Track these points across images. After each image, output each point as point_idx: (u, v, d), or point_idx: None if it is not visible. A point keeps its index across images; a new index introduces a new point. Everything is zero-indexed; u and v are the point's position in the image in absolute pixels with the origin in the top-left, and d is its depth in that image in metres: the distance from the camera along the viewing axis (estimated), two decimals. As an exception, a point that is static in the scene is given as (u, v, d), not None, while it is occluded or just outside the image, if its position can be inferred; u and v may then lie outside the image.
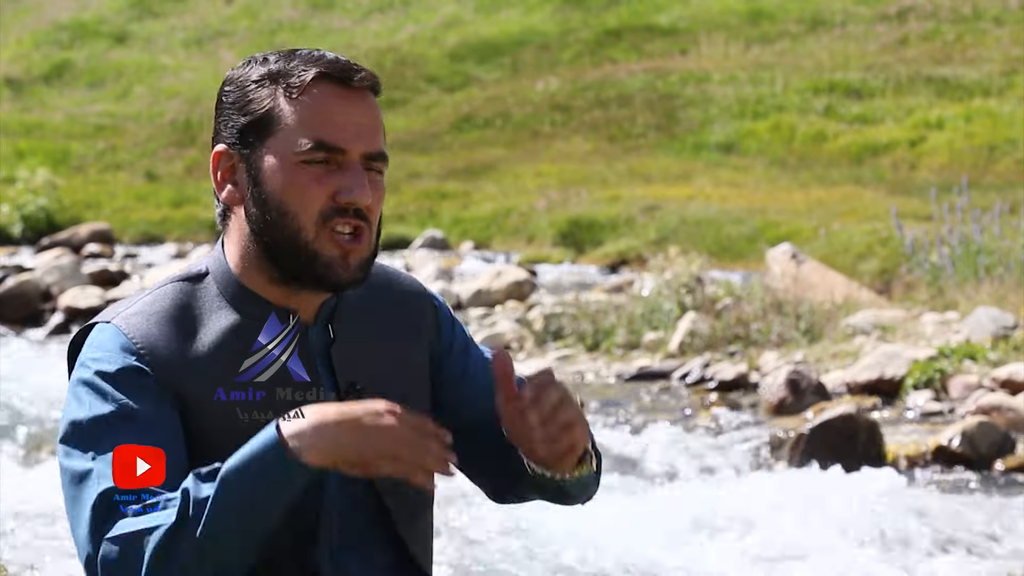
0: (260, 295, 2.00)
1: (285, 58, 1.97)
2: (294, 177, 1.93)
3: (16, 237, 17.50)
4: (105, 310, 2.03)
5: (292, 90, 1.94)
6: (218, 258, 2.02)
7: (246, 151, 1.96)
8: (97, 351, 1.95)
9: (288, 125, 1.94)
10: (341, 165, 1.94)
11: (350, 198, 1.93)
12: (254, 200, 1.96)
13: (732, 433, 7.33)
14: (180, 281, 2.02)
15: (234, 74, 2.00)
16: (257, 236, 1.96)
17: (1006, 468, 6.57)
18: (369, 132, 1.96)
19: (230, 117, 1.98)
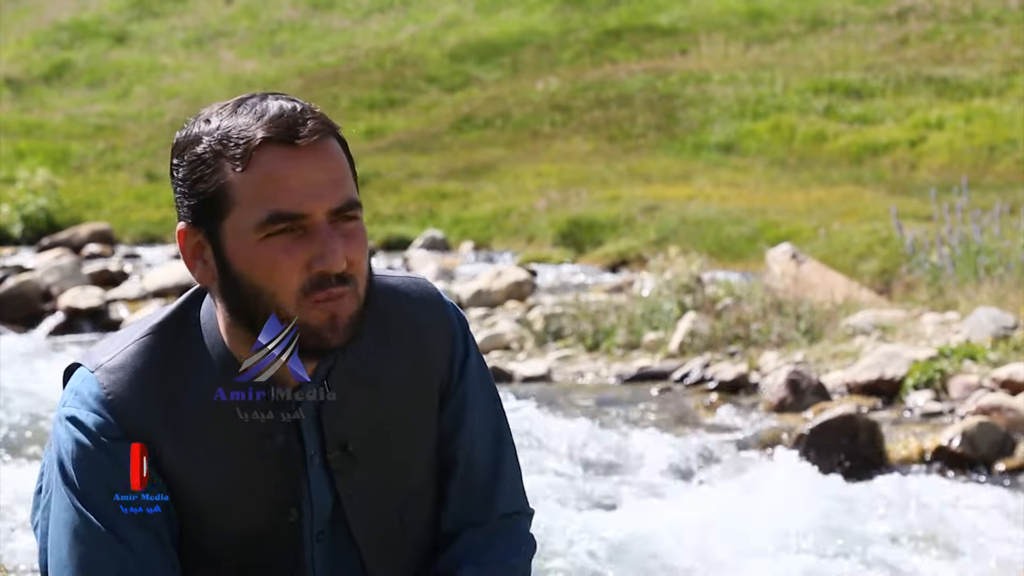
0: None
1: (230, 116, 1.83)
2: (260, 255, 1.82)
3: (16, 237, 17.50)
4: (92, 350, 1.97)
5: (237, 163, 1.81)
6: (210, 314, 1.94)
7: (209, 229, 1.85)
8: (77, 404, 1.91)
9: (241, 201, 1.81)
10: (308, 229, 1.82)
11: (324, 266, 1.81)
12: (227, 281, 1.85)
13: (732, 433, 7.33)
14: (170, 328, 1.94)
15: (180, 142, 1.88)
16: (236, 315, 1.88)
17: (1006, 468, 6.57)
18: (330, 187, 1.82)
19: (184, 195, 1.87)
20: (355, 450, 1.95)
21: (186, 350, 1.93)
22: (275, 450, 1.93)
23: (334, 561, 1.97)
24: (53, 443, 1.93)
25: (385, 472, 1.98)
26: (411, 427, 2.00)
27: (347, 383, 1.96)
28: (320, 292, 1.82)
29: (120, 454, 1.88)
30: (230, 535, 1.93)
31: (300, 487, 1.94)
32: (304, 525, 1.95)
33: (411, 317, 2.02)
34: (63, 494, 1.90)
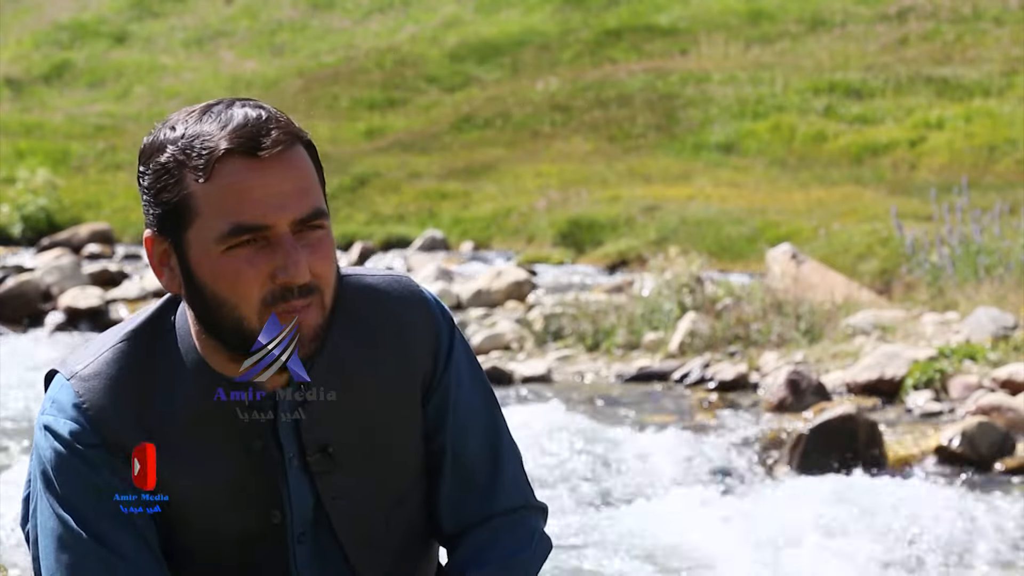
0: (220, 373, 1.92)
1: (195, 124, 1.81)
2: (222, 267, 1.80)
3: (16, 237, 17.49)
4: (68, 357, 1.97)
5: (199, 174, 1.79)
6: (185, 321, 1.93)
7: (173, 239, 1.84)
8: (55, 412, 1.92)
9: (204, 212, 1.80)
10: (271, 241, 1.80)
11: (287, 278, 1.80)
12: (191, 290, 1.85)
13: (732, 433, 7.33)
14: (144, 335, 1.94)
15: (146, 149, 1.86)
16: (203, 325, 1.87)
17: (1006, 468, 6.57)
18: (294, 197, 1.80)
19: (149, 203, 1.85)
20: (336, 452, 1.94)
21: (161, 356, 1.92)
22: (253, 454, 1.92)
23: (319, 562, 1.96)
24: (35, 451, 1.94)
25: (368, 475, 1.96)
26: (395, 428, 1.98)
27: (327, 385, 1.94)
28: (282, 304, 1.81)
29: (98, 461, 1.88)
30: (215, 538, 1.92)
31: (280, 490, 1.93)
32: (286, 527, 1.94)
33: (393, 315, 1.99)
34: (47, 502, 1.91)
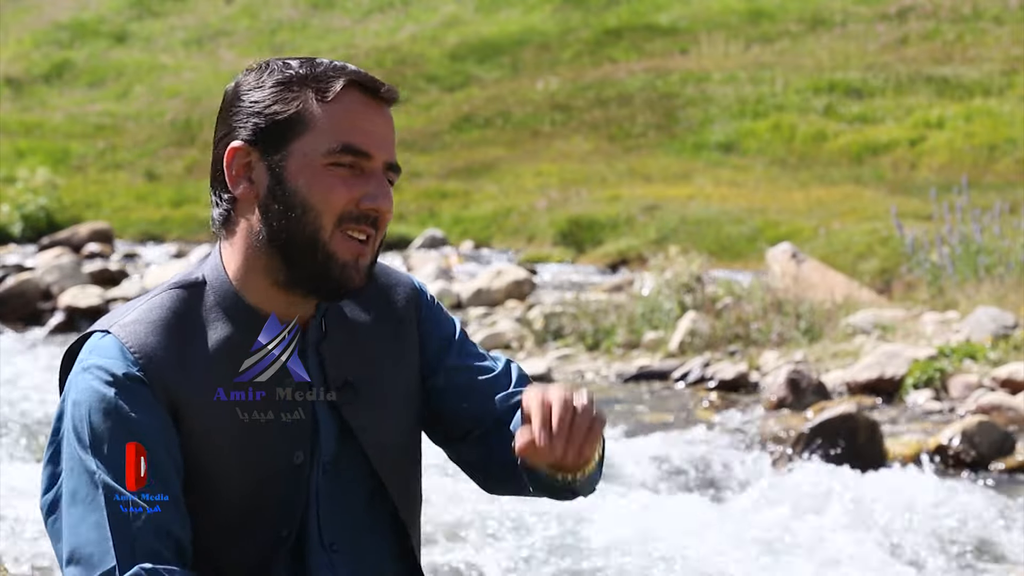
0: (256, 307, 1.99)
1: (309, 64, 1.99)
2: (321, 178, 1.94)
3: (16, 237, 17.50)
4: (100, 320, 2.02)
5: (324, 94, 1.96)
6: (216, 266, 2.02)
7: (268, 149, 1.96)
8: (97, 356, 1.95)
9: (318, 127, 1.95)
10: (364, 171, 1.96)
11: (374, 204, 1.96)
12: (275, 197, 1.95)
13: (732, 432, 7.33)
14: (176, 289, 2.01)
15: (251, 74, 2.00)
16: (272, 235, 1.96)
17: (1006, 468, 6.57)
18: (390, 143, 2.00)
19: (251, 115, 1.97)
20: (357, 383, 2.05)
21: (195, 304, 2.00)
22: (285, 386, 2.00)
23: (336, 495, 2.04)
24: (69, 401, 1.95)
25: (386, 407, 2.07)
26: (399, 378, 2.10)
27: (339, 325, 2.06)
28: (355, 225, 1.96)
29: (141, 401, 1.92)
30: (237, 479, 1.97)
31: (307, 425, 2.01)
32: (313, 462, 2.01)
33: (382, 276, 2.14)
34: (77, 448, 1.92)
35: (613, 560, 5.48)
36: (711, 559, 5.49)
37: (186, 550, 1.92)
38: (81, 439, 1.91)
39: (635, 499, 6.21)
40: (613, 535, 5.69)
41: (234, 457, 1.96)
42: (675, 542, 5.63)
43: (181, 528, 1.92)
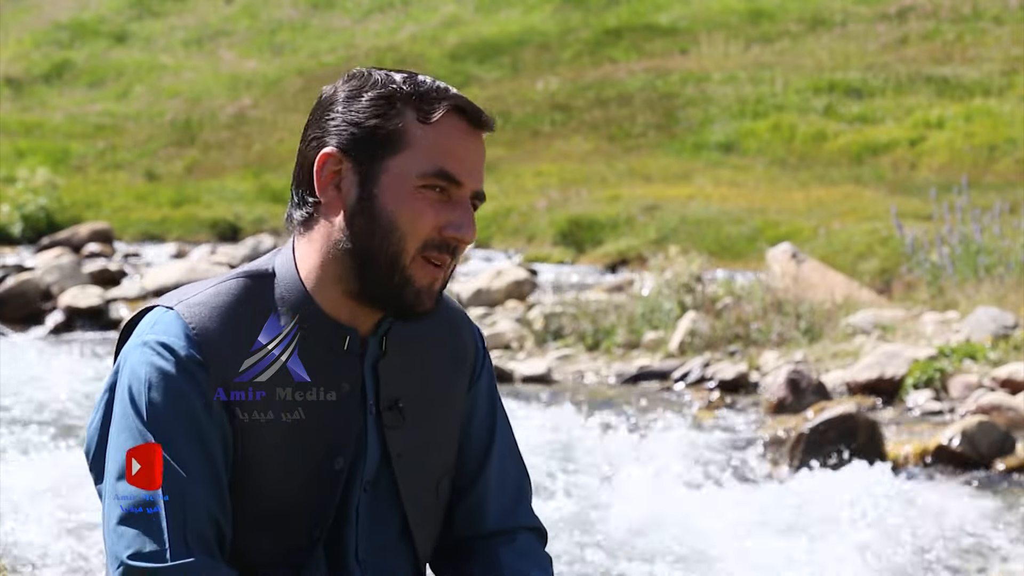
0: (323, 309, 2.00)
1: (412, 81, 1.98)
2: (411, 199, 1.94)
3: (16, 237, 17.50)
4: (166, 295, 2.03)
5: (427, 115, 1.96)
6: (287, 261, 2.02)
7: (361, 160, 1.96)
8: (160, 333, 1.96)
9: (416, 148, 1.95)
10: (452, 198, 1.96)
11: (458, 233, 1.96)
12: (362, 211, 1.95)
13: (732, 433, 7.33)
14: (245, 278, 2.01)
15: (351, 82, 2.00)
16: (351, 247, 1.96)
17: (1006, 468, 6.57)
18: (480, 172, 2.01)
19: (347, 124, 1.97)
20: (405, 408, 2.05)
21: (264, 295, 2.00)
22: (340, 395, 2.01)
23: (377, 516, 2.05)
24: (123, 371, 1.96)
25: (426, 439, 2.07)
26: (447, 406, 2.11)
27: (399, 347, 2.06)
28: (436, 253, 1.96)
29: (196, 382, 1.93)
30: (278, 478, 1.98)
31: (353, 435, 2.02)
32: (356, 474, 2.02)
33: (452, 314, 2.15)
34: (129, 420, 1.93)
35: (613, 560, 5.48)
36: (711, 559, 5.49)
37: (226, 539, 1.94)
38: (139, 412, 1.92)
39: (635, 499, 6.21)
40: (613, 535, 5.69)
41: (277, 453, 1.97)
42: (675, 542, 5.63)
43: (225, 515, 1.94)
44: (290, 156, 21.27)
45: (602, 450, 7.00)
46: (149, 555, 1.88)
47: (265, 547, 1.99)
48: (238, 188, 19.47)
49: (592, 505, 6.07)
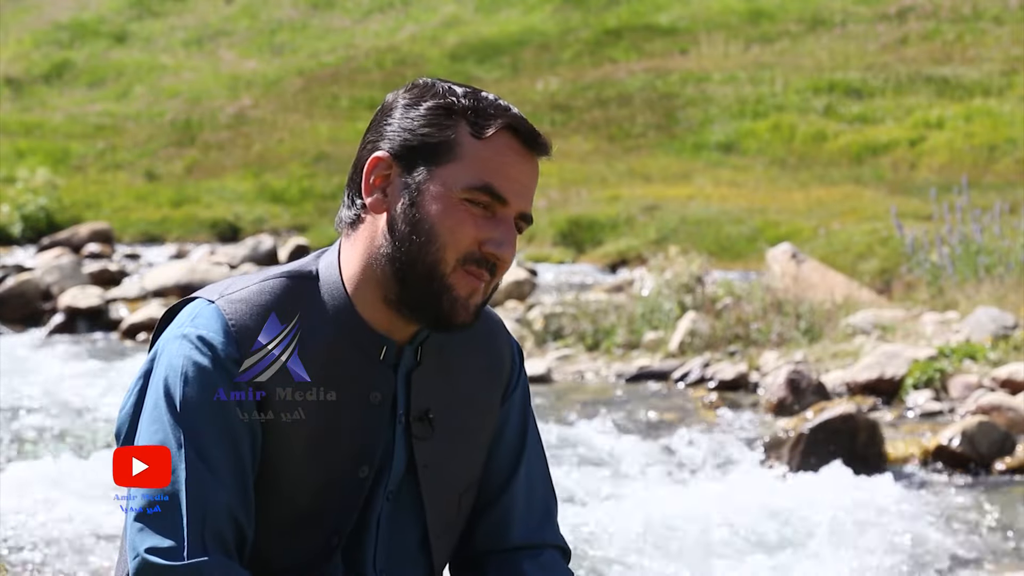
0: (362, 315, 2.00)
1: (472, 96, 1.99)
2: (453, 210, 1.94)
3: (16, 237, 17.49)
4: (207, 287, 2.04)
5: (480, 130, 1.96)
6: (332, 264, 2.03)
7: (411, 168, 1.96)
8: (200, 327, 1.96)
9: (465, 160, 1.95)
10: (496, 215, 1.96)
11: (498, 251, 1.96)
12: (405, 218, 1.96)
13: (732, 433, 7.33)
14: (288, 279, 2.02)
15: (413, 90, 2.00)
16: (393, 252, 1.97)
17: (1006, 468, 6.57)
18: (529, 194, 2.00)
19: (402, 130, 1.98)
20: (435, 419, 2.05)
21: (305, 298, 2.01)
22: (371, 404, 2.01)
23: (397, 526, 2.05)
24: (158, 360, 1.96)
25: (453, 453, 2.07)
26: (479, 419, 2.11)
27: (434, 357, 2.06)
28: (475, 267, 1.95)
29: (231, 378, 1.94)
30: (302, 478, 1.98)
31: (380, 444, 2.02)
32: (380, 483, 2.02)
33: (490, 326, 2.16)
34: (161, 409, 1.94)
35: (611, 560, 5.48)
36: (710, 559, 5.49)
37: (247, 540, 1.94)
38: (172, 405, 1.93)
39: (635, 499, 6.21)
40: (612, 535, 5.69)
41: (304, 456, 1.97)
42: (674, 542, 5.63)
43: (247, 516, 1.93)
44: (290, 156, 21.27)
45: (602, 450, 7.00)
46: (166, 551, 1.88)
47: (284, 551, 1.99)
48: (238, 188, 19.47)
49: (591, 505, 6.07)
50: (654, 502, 6.18)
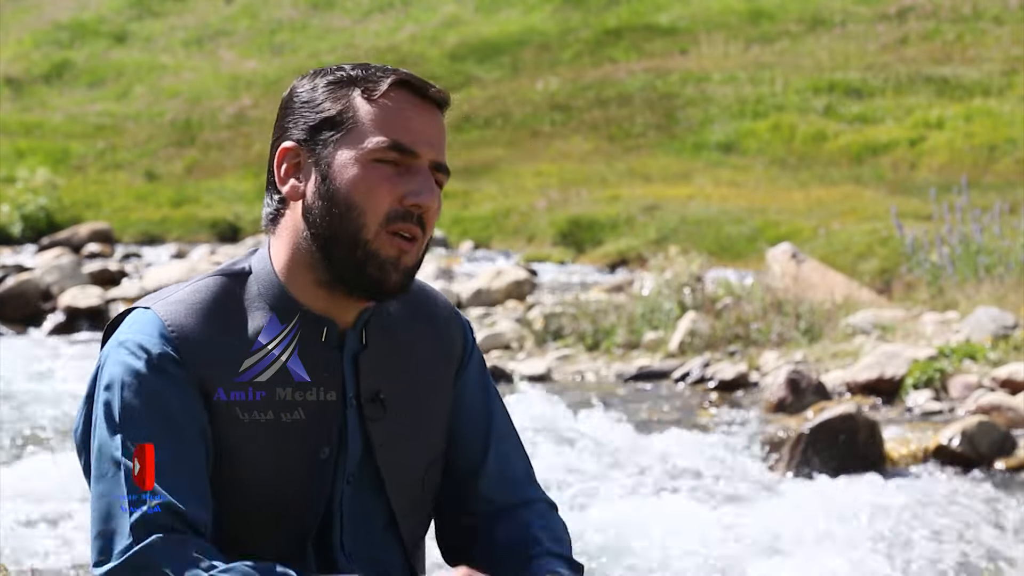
0: (300, 301, 2.01)
1: (361, 67, 2.02)
2: (366, 173, 1.96)
3: (16, 237, 17.50)
4: (145, 297, 2.05)
5: (371, 92, 1.98)
6: (263, 259, 2.04)
7: (316, 147, 1.99)
8: (135, 332, 1.97)
9: (365, 124, 1.97)
10: (411, 169, 1.97)
11: (420, 200, 1.95)
12: (320, 194, 1.97)
13: (732, 433, 7.33)
14: (223, 276, 2.04)
15: (305, 78, 2.04)
16: (316, 231, 1.98)
17: (1006, 468, 6.57)
18: (438, 143, 2.00)
19: (302, 115, 2.00)
20: (386, 400, 2.06)
21: (240, 293, 2.03)
22: (319, 387, 2.01)
23: (361, 508, 2.06)
24: (102, 377, 1.97)
25: (410, 430, 2.08)
26: (433, 396, 2.11)
27: (380, 339, 2.07)
28: (401, 224, 1.96)
29: (175, 379, 1.94)
30: (262, 467, 1.99)
31: (335, 427, 2.02)
32: (337, 467, 2.03)
33: (438, 303, 2.16)
34: (108, 421, 1.94)
35: (612, 560, 5.48)
36: (710, 559, 5.49)
37: (203, 533, 1.94)
38: (110, 416, 1.94)
39: (635, 499, 6.21)
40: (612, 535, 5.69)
41: (259, 445, 1.97)
42: (674, 542, 5.63)
43: (202, 510, 1.93)
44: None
45: (602, 450, 7.00)
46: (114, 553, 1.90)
47: (256, 540, 1.99)
48: (238, 188, 19.47)
49: (591, 505, 6.07)
50: (653, 502, 6.18)
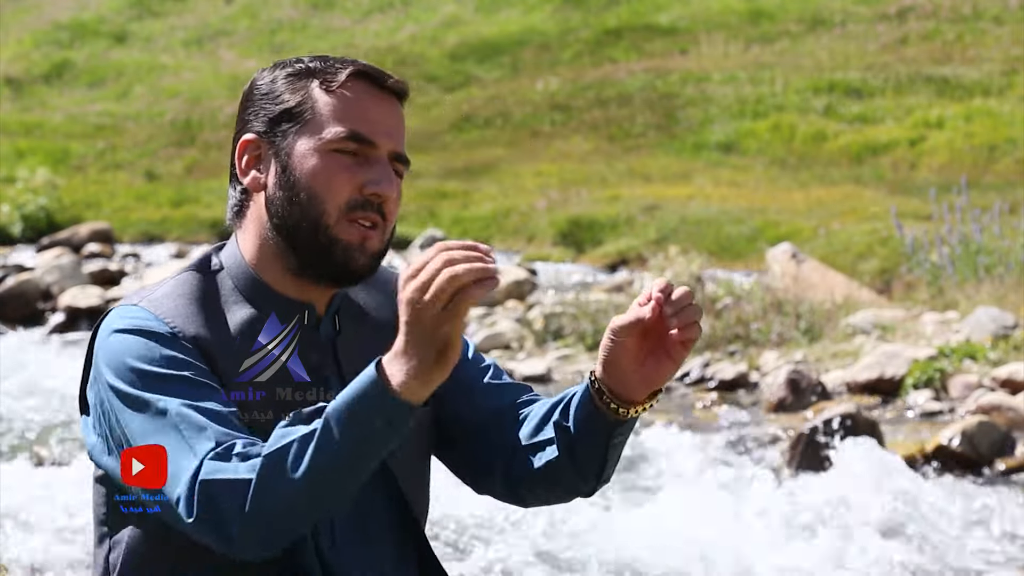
0: (274, 288, 2.02)
1: (319, 59, 2.04)
2: (325, 163, 1.98)
3: (16, 237, 17.49)
4: (124, 297, 2.04)
5: (329, 83, 2.00)
6: (233, 254, 2.05)
7: (276, 138, 2.01)
8: (128, 321, 1.96)
9: (323, 114, 1.99)
10: (369, 159, 1.99)
11: (377, 189, 1.98)
12: (281, 185, 1.99)
13: (732, 433, 7.34)
14: (197, 271, 2.04)
15: (265, 71, 2.07)
16: (278, 221, 1.99)
17: (1006, 468, 6.57)
18: (397, 133, 2.03)
19: (262, 107, 2.03)
20: None
21: (214, 286, 2.04)
22: (319, 387, 2.01)
23: (362, 496, 2.02)
24: (102, 371, 1.95)
25: None
26: None
27: (352, 325, 2.09)
28: (361, 212, 1.98)
29: (179, 347, 1.93)
30: None
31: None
32: None
33: (389, 277, 2.17)
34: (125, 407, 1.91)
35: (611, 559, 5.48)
36: (710, 558, 5.49)
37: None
38: (125, 389, 1.91)
39: (635, 499, 6.21)
40: (612, 535, 5.69)
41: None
42: (674, 542, 5.63)
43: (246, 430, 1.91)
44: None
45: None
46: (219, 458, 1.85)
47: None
48: (238, 188, 19.46)
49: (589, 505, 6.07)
50: (653, 502, 6.18)
